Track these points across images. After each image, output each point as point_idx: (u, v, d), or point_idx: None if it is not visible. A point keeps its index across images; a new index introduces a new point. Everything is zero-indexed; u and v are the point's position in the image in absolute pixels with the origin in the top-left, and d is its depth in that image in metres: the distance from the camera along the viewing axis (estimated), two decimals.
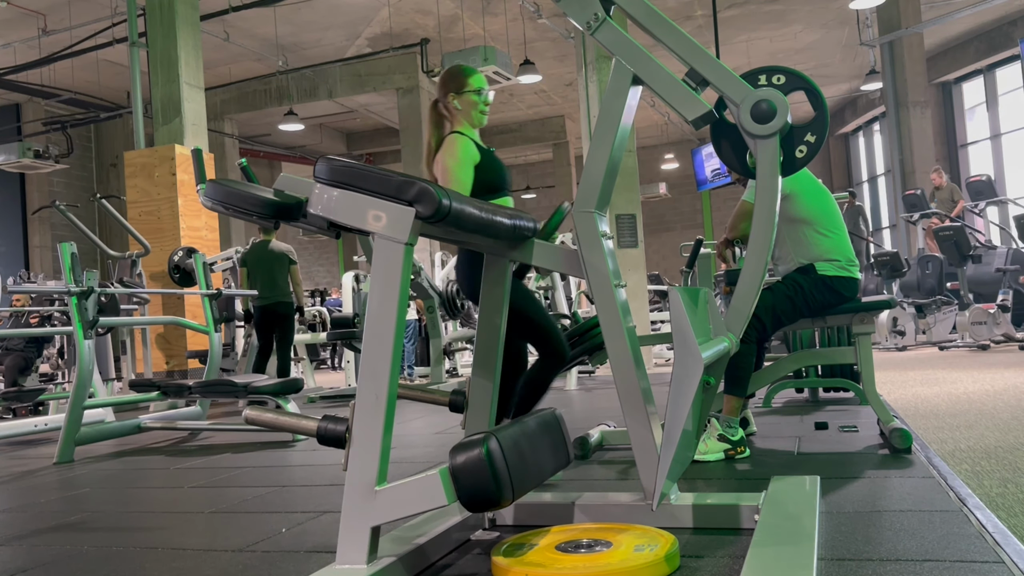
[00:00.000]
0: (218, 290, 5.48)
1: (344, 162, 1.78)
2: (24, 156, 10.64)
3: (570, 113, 17.97)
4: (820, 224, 3.30)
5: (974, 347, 8.48)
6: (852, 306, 3.30)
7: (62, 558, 2.25)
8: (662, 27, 2.10)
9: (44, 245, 15.20)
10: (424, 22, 12.94)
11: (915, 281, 10.14)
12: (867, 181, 19.30)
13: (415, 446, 4.03)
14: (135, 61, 8.91)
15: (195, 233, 8.26)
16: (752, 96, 2.05)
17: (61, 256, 4.23)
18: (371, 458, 1.70)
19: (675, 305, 1.72)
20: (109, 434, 4.71)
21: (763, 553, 1.68)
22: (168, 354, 8.00)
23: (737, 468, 2.92)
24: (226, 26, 12.17)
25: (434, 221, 1.72)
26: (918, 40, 13.20)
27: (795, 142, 2.17)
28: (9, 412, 6.45)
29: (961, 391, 4.83)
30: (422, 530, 2.00)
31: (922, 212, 10.67)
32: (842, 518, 2.12)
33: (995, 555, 1.73)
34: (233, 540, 2.32)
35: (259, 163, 18.80)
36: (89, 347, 4.31)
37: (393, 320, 1.71)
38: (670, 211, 21.84)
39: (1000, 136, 15.36)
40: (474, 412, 2.17)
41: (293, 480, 3.29)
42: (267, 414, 1.90)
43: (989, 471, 2.59)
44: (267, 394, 4.36)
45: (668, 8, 12.08)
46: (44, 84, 13.75)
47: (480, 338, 2.16)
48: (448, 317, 8.11)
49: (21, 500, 3.21)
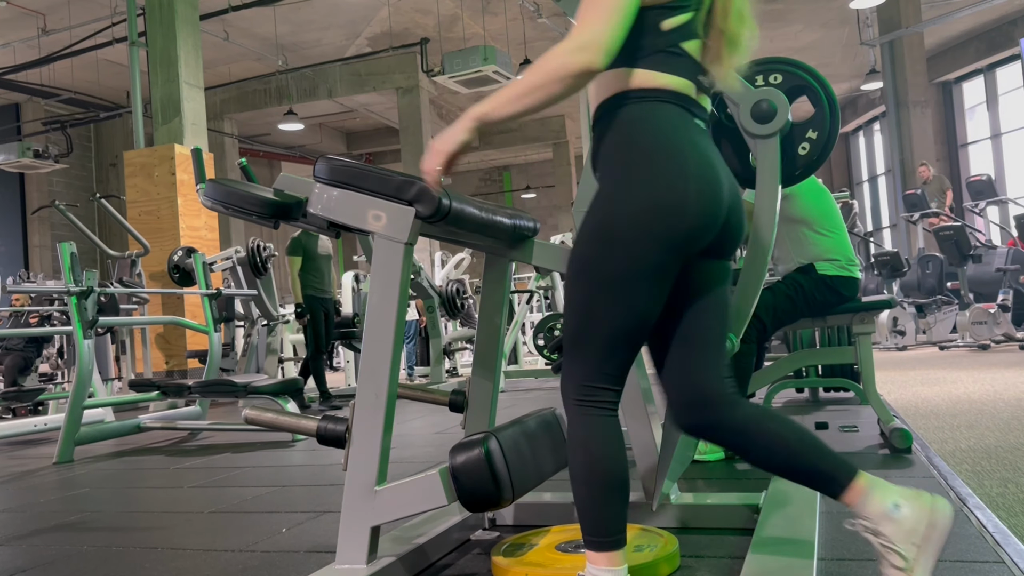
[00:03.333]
0: (218, 290, 5.48)
1: (344, 162, 1.78)
2: (24, 156, 10.64)
3: (570, 113, 17.96)
4: (819, 224, 3.30)
5: (974, 347, 8.48)
6: (852, 306, 3.30)
7: (62, 558, 2.25)
8: None
9: (44, 245, 15.20)
10: (424, 22, 12.94)
11: (915, 281, 10.14)
12: (867, 181, 19.31)
13: (415, 446, 4.03)
14: (135, 61, 8.91)
15: (195, 233, 8.26)
16: (752, 95, 2.05)
17: (61, 256, 4.23)
18: (371, 458, 1.70)
19: None
20: (109, 434, 4.71)
21: (763, 553, 1.67)
22: (168, 354, 8.00)
23: (737, 468, 2.92)
24: (226, 26, 12.17)
25: (434, 221, 1.72)
26: (918, 40, 13.20)
27: (796, 141, 2.17)
28: (9, 412, 6.45)
29: (961, 391, 4.83)
30: (422, 530, 2.00)
31: (922, 212, 10.67)
32: (842, 518, 2.11)
33: (995, 555, 1.73)
34: (233, 540, 2.32)
35: (259, 163, 18.80)
36: (89, 347, 4.31)
37: (393, 320, 1.71)
38: None
39: (1000, 136, 15.35)
40: (474, 412, 2.17)
41: (293, 480, 3.29)
42: (267, 414, 1.90)
43: (989, 471, 2.59)
44: (267, 394, 4.36)
45: None
46: (44, 84, 13.74)
47: (480, 338, 2.16)
48: (448, 317, 8.11)
49: (21, 500, 3.21)
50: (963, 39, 15.36)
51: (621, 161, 1.39)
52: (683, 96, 1.42)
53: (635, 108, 1.40)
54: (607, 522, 1.39)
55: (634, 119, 1.40)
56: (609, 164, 1.41)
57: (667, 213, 1.34)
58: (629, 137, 1.39)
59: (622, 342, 1.39)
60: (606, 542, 1.39)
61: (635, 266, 1.35)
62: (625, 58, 1.39)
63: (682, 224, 1.35)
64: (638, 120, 1.40)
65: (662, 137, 1.38)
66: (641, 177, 1.36)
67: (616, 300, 1.36)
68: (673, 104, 1.41)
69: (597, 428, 1.38)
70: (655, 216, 1.34)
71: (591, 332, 1.39)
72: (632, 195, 1.35)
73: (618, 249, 1.35)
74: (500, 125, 1.43)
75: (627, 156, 1.38)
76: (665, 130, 1.38)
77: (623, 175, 1.38)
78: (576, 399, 1.40)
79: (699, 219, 1.36)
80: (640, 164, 1.37)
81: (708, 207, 1.37)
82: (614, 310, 1.37)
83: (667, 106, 1.40)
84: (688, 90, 1.43)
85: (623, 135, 1.40)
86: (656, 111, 1.40)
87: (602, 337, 1.38)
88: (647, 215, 1.34)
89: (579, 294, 1.41)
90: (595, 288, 1.38)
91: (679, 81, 1.42)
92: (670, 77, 1.41)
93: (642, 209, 1.34)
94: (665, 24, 1.39)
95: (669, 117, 1.40)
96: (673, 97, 1.41)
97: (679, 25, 1.40)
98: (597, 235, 1.38)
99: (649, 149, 1.37)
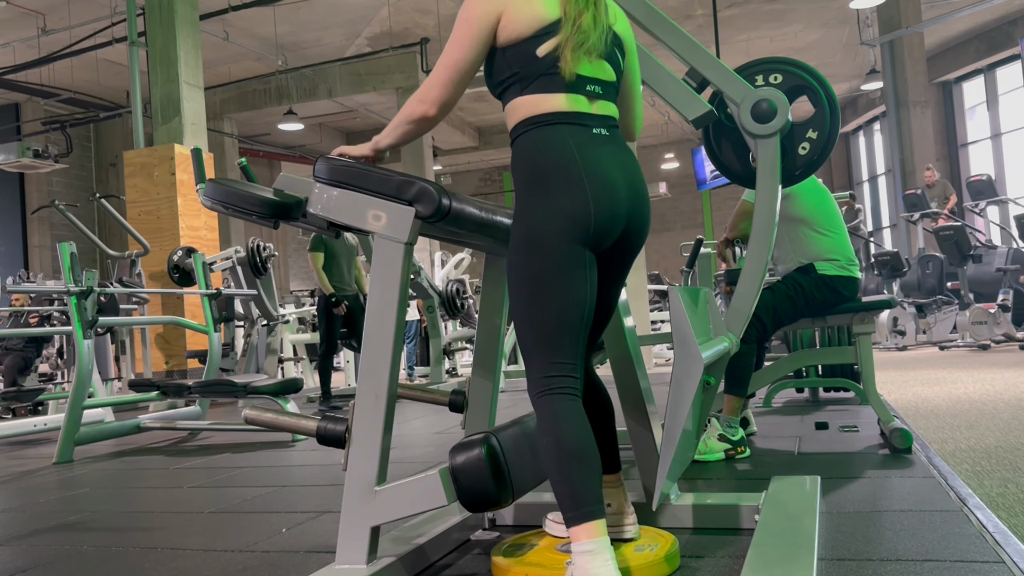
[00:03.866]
0: (217, 290, 5.48)
1: (344, 162, 1.78)
2: (23, 156, 10.61)
3: None
4: (819, 224, 3.30)
5: (974, 347, 8.48)
6: (852, 306, 3.30)
7: (62, 558, 2.25)
8: (662, 26, 2.10)
9: (43, 245, 15.20)
10: (424, 21, 12.93)
11: (915, 281, 10.14)
12: (867, 181, 19.31)
13: (415, 446, 4.03)
14: (134, 60, 8.91)
15: (194, 233, 8.26)
16: (752, 96, 2.05)
17: (60, 256, 4.23)
18: (371, 458, 1.70)
19: (675, 305, 1.72)
20: (108, 434, 4.71)
21: (763, 553, 1.67)
22: (168, 354, 7.99)
23: (737, 468, 2.92)
24: (226, 25, 12.16)
25: (434, 221, 1.72)
26: (918, 40, 13.20)
27: (796, 140, 2.17)
28: (9, 412, 6.45)
29: (961, 391, 4.83)
30: (422, 530, 2.00)
31: (922, 212, 10.67)
32: (842, 518, 2.12)
33: (995, 555, 1.73)
34: (233, 540, 2.32)
35: (259, 163, 18.80)
36: (88, 347, 4.31)
37: (393, 320, 1.71)
38: (670, 211, 21.84)
39: (1000, 136, 15.35)
40: (474, 412, 2.17)
41: (293, 480, 3.29)
42: (267, 414, 1.90)
43: (989, 471, 2.59)
44: (267, 394, 4.36)
45: (668, 7, 12.07)
46: (43, 83, 13.74)
47: (480, 338, 2.16)
48: (448, 317, 8.11)
49: (21, 500, 3.21)
50: (963, 39, 15.36)
51: (529, 183, 1.62)
52: (572, 113, 1.64)
53: (532, 135, 1.64)
54: (582, 494, 1.50)
55: (532, 145, 1.63)
56: (521, 186, 1.64)
57: (573, 215, 1.57)
58: (531, 162, 1.63)
59: (565, 328, 1.58)
60: (584, 513, 1.49)
61: (557, 260, 1.57)
62: (516, 90, 1.65)
63: (585, 221, 1.58)
64: (536, 145, 1.63)
65: (554, 155, 1.60)
66: (546, 193, 1.59)
67: (550, 292, 1.57)
68: (563, 124, 1.63)
69: (560, 410, 1.55)
70: (563, 219, 1.57)
71: (537, 328, 1.58)
72: (543, 208, 1.59)
73: (541, 250, 1.57)
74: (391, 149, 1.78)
75: (533, 177, 1.62)
76: (557, 151, 1.61)
77: (533, 194, 1.61)
78: (538, 392, 1.58)
79: (600, 216, 1.59)
80: (544, 183, 1.60)
81: (606, 207, 1.60)
82: (551, 301, 1.57)
83: (558, 128, 1.62)
84: (576, 104, 1.64)
85: (527, 161, 1.64)
86: (549, 135, 1.62)
87: (547, 328, 1.57)
88: (557, 219, 1.57)
89: (520, 297, 1.61)
90: (531, 287, 1.58)
91: (566, 98, 1.63)
92: (557, 97, 1.63)
93: (552, 215, 1.57)
94: (540, 51, 1.62)
95: (561, 138, 1.62)
96: (563, 117, 1.63)
97: (552, 49, 1.62)
98: (522, 245, 1.60)
99: (549, 169, 1.60)
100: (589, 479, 1.51)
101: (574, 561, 1.49)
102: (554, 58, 1.62)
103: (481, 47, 1.65)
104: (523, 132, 1.65)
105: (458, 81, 1.66)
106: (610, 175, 1.62)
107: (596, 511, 1.49)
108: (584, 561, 1.47)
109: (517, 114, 1.66)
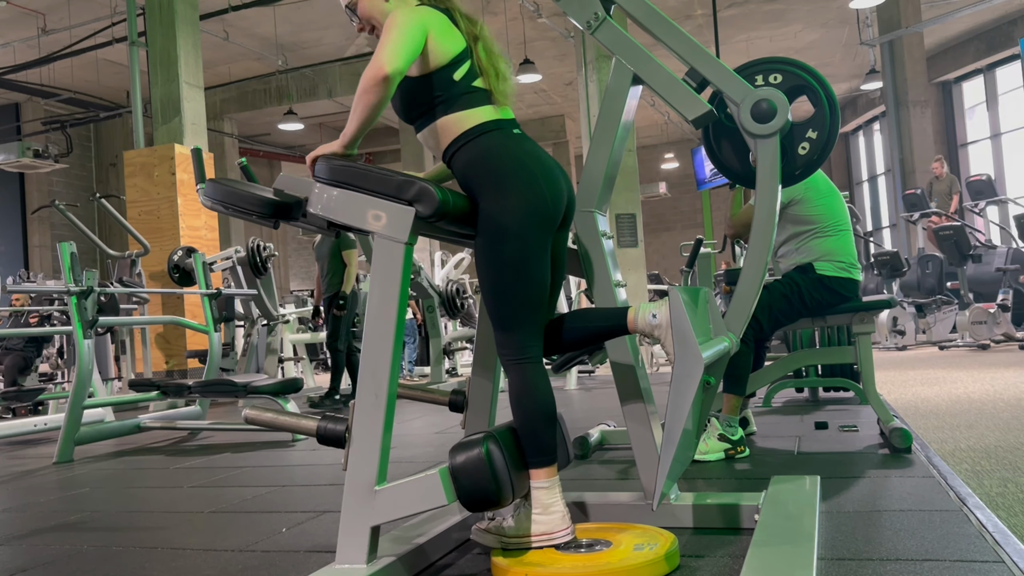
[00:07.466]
0: (217, 290, 5.48)
1: (344, 162, 1.78)
2: (23, 155, 10.62)
3: (570, 112, 17.97)
4: (826, 225, 3.30)
5: (974, 347, 8.48)
6: (852, 306, 3.29)
7: (62, 558, 2.25)
8: (662, 26, 2.10)
9: (43, 245, 15.20)
10: None
11: (915, 281, 10.14)
12: (867, 180, 19.31)
13: (415, 446, 4.03)
14: (134, 60, 8.91)
15: (195, 232, 8.26)
16: (752, 95, 2.05)
17: (61, 256, 4.23)
18: (371, 458, 1.70)
19: (675, 305, 1.72)
20: (109, 434, 4.71)
21: (763, 553, 1.67)
22: (168, 354, 8.00)
23: (737, 468, 2.92)
24: (226, 25, 12.17)
25: (434, 220, 1.72)
26: (918, 40, 13.20)
27: (796, 140, 2.17)
28: (9, 412, 6.45)
29: (961, 391, 4.83)
30: (422, 530, 2.00)
31: (922, 211, 10.67)
32: (842, 518, 2.12)
33: (995, 555, 1.73)
34: (233, 540, 2.32)
35: (259, 162, 18.80)
36: (89, 347, 4.31)
37: (393, 320, 1.71)
38: (670, 211, 21.84)
39: (1000, 136, 15.36)
40: (474, 412, 2.17)
41: (293, 480, 3.29)
42: (267, 414, 1.90)
43: (989, 471, 2.59)
44: (267, 394, 4.36)
45: (668, 7, 12.08)
46: (43, 83, 13.74)
47: (480, 338, 2.16)
48: (448, 317, 8.11)
49: (21, 500, 3.21)
50: (963, 39, 15.36)
51: (488, 185, 1.82)
52: (494, 121, 1.89)
53: (475, 145, 1.86)
54: (548, 444, 1.85)
55: (481, 152, 1.85)
56: (482, 192, 1.83)
57: (535, 205, 1.82)
58: (483, 168, 1.84)
59: (532, 306, 1.85)
60: (547, 459, 1.85)
61: (526, 248, 1.81)
62: (443, 111, 1.88)
63: (546, 210, 1.84)
64: (485, 151, 1.85)
65: (504, 158, 1.84)
66: (507, 191, 1.81)
67: (519, 276, 1.82)
68: (493, 131, 1.87)
69: (535, 375, 1.85)
70: (528, 210, 1.81)
71: (510, 307, 1.83)
72: (508, 203, 1.80)
73: (512, 240, 1.80)
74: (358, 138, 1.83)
75: (491, 180, 1.82)
76: (502, 153, 1.85)
77: (496, 194, 1.81)
78: (515, 360, 1.85)
79: (554, 203, 1.86)
80: (502, 182, 1.81)
81: (556, 194, 1.87)
82: (519, 284, 1.82)
83: (491, 135, 1.87)
84: (494, 113, 1.90)
85: (482, 167, 1.84)
86: (490, 142, 1.86)
87: (518, 307, 1.83)
88: (522, 211, 1.80)
89: (493, 282, 1.83)
90: (504, 273, 1.81)
91: (485, 110, 1.89)
92: (478, 110, 1.88)
93: (518, 208, 1.80)
94: (455, 75, 1.88)
95: (500, 142, 1.86)
96: (491, 125, 1.88)
97: (465, 73, 1.89)
98: (495, 237, 1.81)
99: (503, 170, 1.82)
100: (553, 432, 1.86)
101: (533, 493, 1.83)
102: (468, 79, 1.88)
103: (420, 38, 1.82)
104: (463, 144, 1.86)
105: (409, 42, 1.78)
106: (547, 165, 1.88)
107: (554, 457, 1.86)
108: (541, 494, 1.83)
109: (450, 131, 1.88)
